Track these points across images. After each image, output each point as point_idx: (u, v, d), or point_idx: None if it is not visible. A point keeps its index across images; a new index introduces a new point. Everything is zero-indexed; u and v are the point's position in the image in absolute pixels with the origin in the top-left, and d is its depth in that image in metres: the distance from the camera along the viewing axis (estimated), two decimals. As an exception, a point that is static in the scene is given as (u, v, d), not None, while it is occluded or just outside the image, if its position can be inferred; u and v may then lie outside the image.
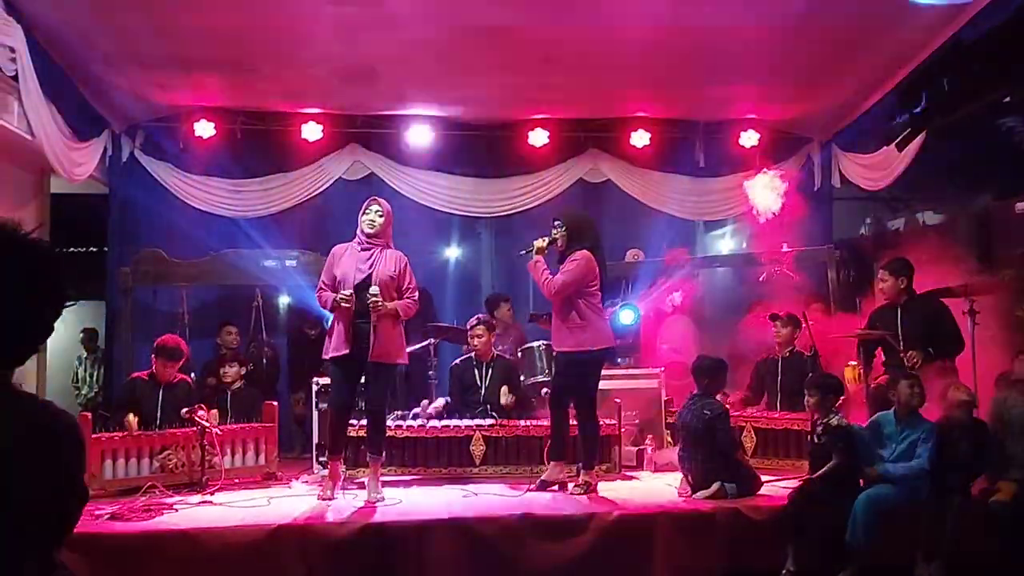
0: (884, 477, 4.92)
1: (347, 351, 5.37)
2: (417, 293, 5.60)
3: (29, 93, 6.09)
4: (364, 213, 5.52)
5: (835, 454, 4.98)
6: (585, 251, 5.65)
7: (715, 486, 5.31)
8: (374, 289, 5.32)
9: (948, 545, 4.71)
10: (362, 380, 5.64)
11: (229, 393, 6.84)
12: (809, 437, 5.25)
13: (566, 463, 5.85)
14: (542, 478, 5.76)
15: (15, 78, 5.97)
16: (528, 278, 6.38)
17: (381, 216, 5.50)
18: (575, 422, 5.81)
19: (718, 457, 5.39)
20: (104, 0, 6.15)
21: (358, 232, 5.52)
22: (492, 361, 6.86)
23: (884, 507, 4.81)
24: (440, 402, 6.86)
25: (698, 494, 5.34)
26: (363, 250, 5.47)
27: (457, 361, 7.12)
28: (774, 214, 7.96)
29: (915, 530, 4.82)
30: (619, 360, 7.40)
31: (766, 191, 7.96)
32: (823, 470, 4.98)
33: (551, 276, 5.61)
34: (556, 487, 5.72)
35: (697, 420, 5.46)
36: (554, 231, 5.75)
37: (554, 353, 5.94)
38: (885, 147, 7.52)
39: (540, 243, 5.71)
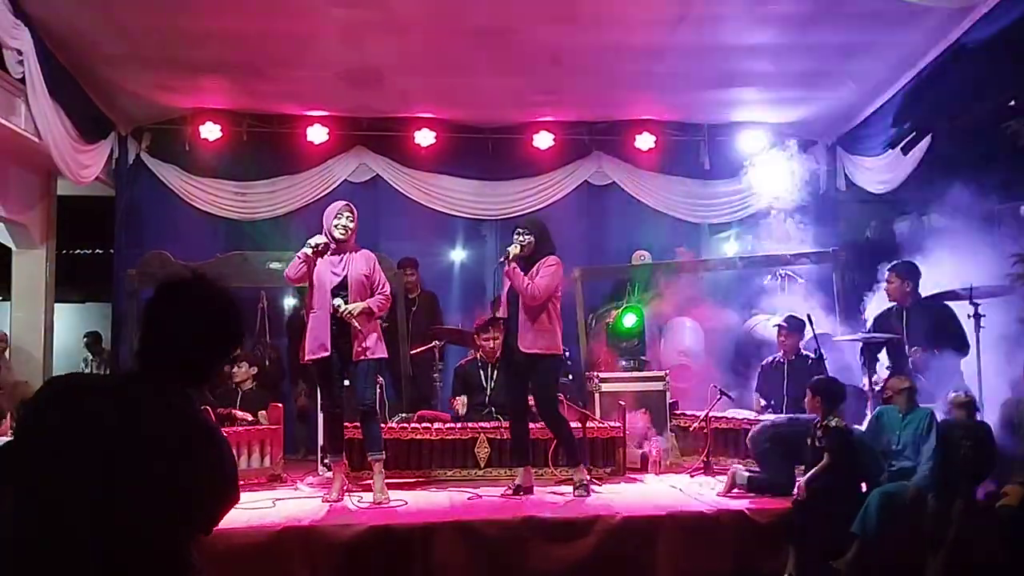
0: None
1: (326, 354, 5.41)
2: (388, 288, 5.65)
3: (36, 95, 6.12)
4: (336, 218, 5.53)
5: (827, 454, 4.96)
6: (556, 256, 5.74)
7: (730, 472, 5.50)
8: (337, 301, 5.36)
9: (951, 548, 4.70)
10: (345, 382, 5.67)
11: (240, 393, 6.86)
12: (809, 441, 5.25)
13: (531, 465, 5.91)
14: (518, 483, 5.73)
15: (22, 80, 6.01)
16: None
17: (352, 222, 5.56)
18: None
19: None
20: (111, 3, 6.18)
21: (326, 236, 5.54)
22: (498, 363, 6.86)
23: (898, 503, 4.80)
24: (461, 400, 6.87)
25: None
26: (333, 254, 5.51)
27: (462, 362, 7.12)
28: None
29: (926, 529, 4.82)
30: (623, 363, 7.40)
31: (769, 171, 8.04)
32: (814, 469, 4.97)
33: (530, 282, 5.63)
34: (524, 491, 5.69)
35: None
36: (521, 238, 5.73)
37: (521, 355, 5.68)
38: (891, 150, 7.52)
39: (515, 250, 5.70)
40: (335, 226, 5.51)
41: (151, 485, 1.86)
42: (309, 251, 5.42)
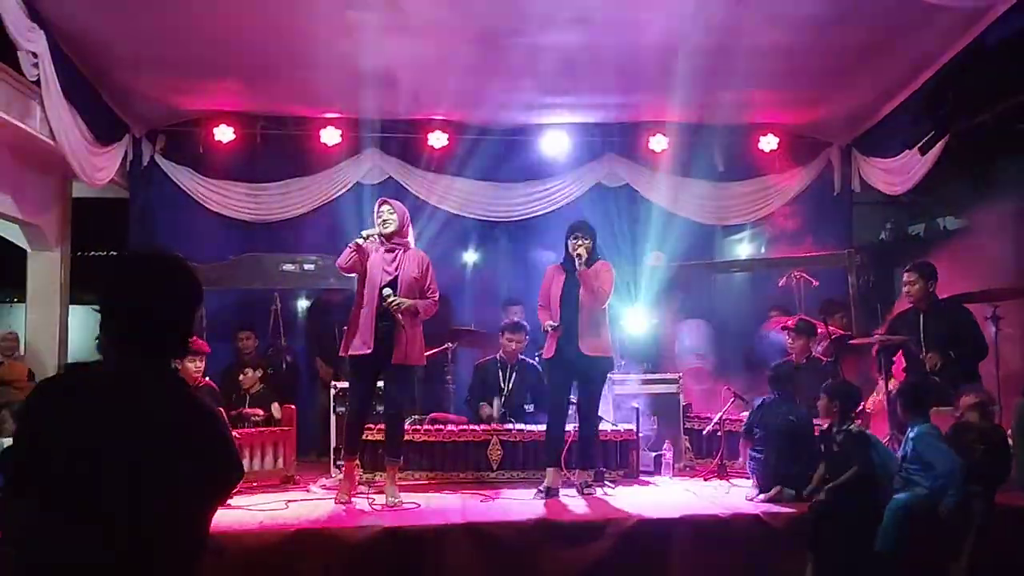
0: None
1: (368, 351, 5.38)
2: (437, 295, 5.63)
3: (51, 98, 6.15)
4: (376, 216, 5.55)
5: (855, 461, 4.91)
6: (607, 261, 5.87)
7: (774, 490, 5.35)
8: (387, 291, 5.35)
9: (972, 551, 4.65)
10: (379, 383, 5.66)
11: (248, 397, 6.86)
12: (824, 445, 5.20)
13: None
14: (548, 484, 5.69)
15: (37, 83, 6.03)
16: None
17: (393, 214, 5.53)
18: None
19: (784, 460, 5.41)
20: (125, 6, 6.20)
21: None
22: (516, 364, 6.84)
23: (914, 512, 4.74)
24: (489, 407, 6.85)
25: (759, 497, 5.39)
26: (387, 251, 5.50)
27: (482, 361, 7.10)
28: None
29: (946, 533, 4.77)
30: (637, 365, 7.37)
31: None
32: (843, 478, 4.90)
33: (600, 285, 5.75)
34: (553, 493, 5.67)
35: (779, 421, 5.52)
36: (585, 242, 5.76)
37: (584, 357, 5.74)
38: (907, 151, 7.46)
39: (585, 255, 5.73)
40: (378, 222, 5.51)
41: (164, 470, 1.88)
42: (361, 240, 5.42)
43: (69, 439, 1.88)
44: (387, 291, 5.35)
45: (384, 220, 5.49)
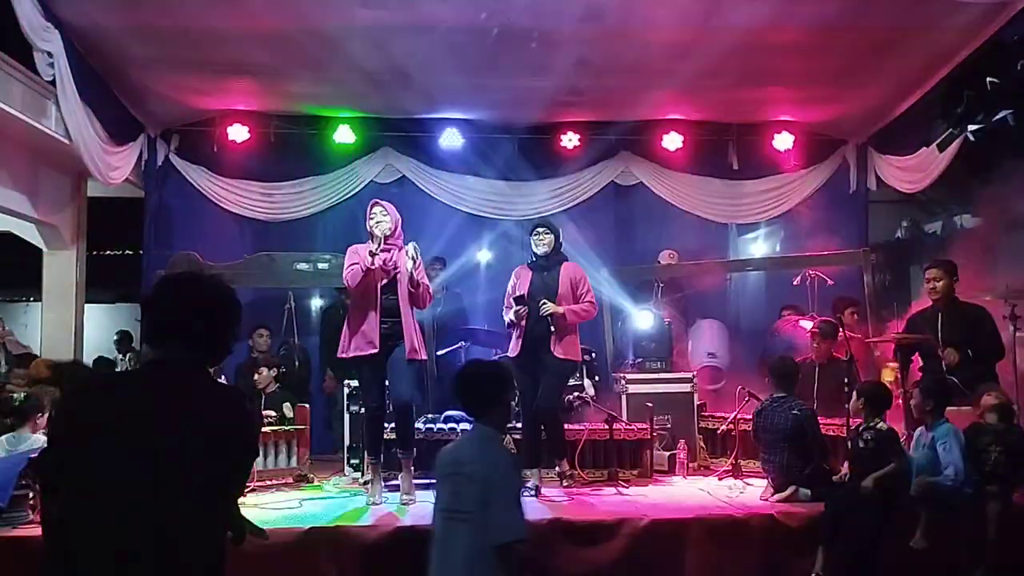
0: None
1: (375, 351, 5.37)
2: (431, 287, 5.72)
3: (67, 98, 6.18)
4: (370, 219, 5.52)
5: (892, 458, 4.89)
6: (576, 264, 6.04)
7: (789, 490, 5.31)
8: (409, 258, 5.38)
9: (989, 552, 4.62)
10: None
11: (264, 397, 6.87)
12: (850, 443, 5.17)
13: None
14: (535, 483, 5.72)
15: (53, 83, 6.06)
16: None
17: (386, 215, 5.51)
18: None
19: (797, 460, 5.37)
20: (140, 6, 6.22)
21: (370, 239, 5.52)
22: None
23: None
24: None
25: (774, 497, 5.35)
26: (383, 251, 5.48)
27: (495, 359, 7.08)
28: None
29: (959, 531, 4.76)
30: (650, 364, 7.34)
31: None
32: (881, 472, 4.84)
33: (588, 303, 5.88)
34: (538, 492, 5.70)
35: (785, 420, 5.45)
36: (542, 238, 5.97)
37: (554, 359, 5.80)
38: (924, 148, 7.40)
39: (548, 249, 5.93)
40: (372, 226, 5.48)
41: (204, 465, 1.98)
42: (371, 259, 5.35)
43: (100, 435, 1.95)
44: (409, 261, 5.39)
45: (378, 221, 5.46)
